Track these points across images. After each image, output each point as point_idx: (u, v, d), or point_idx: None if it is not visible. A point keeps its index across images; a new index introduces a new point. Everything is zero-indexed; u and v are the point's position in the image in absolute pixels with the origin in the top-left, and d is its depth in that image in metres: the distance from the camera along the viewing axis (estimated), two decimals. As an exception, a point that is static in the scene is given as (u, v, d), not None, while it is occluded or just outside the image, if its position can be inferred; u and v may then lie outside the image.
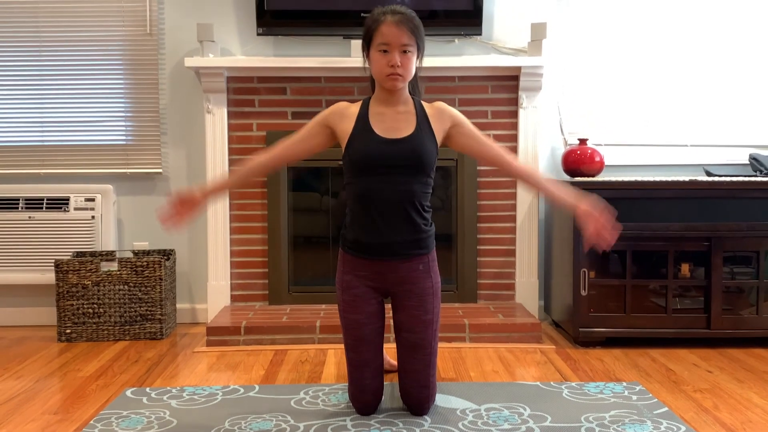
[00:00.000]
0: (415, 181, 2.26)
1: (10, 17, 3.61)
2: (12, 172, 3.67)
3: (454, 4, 3.47)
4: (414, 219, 2.27)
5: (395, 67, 2.20)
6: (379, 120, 2.28)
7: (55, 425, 2.28)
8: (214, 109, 3.58)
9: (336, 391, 2.56)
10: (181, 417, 2.32)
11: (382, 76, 2.24)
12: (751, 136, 3.73)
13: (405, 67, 2.23)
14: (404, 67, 2.22)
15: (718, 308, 3.18)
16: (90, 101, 3.66)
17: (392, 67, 2.21)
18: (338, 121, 2.31)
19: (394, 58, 2.20)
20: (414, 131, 2.27)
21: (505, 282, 3.69)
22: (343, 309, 2.33)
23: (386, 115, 2.29)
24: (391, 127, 2.27)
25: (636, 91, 3.71)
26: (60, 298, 3.35)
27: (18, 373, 2.87)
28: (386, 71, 2.22)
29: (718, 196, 3.18)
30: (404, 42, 2.21)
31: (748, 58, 3.70)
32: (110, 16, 3.62)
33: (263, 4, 3.50)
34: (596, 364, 2.94)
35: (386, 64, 2.21)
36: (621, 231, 2.24)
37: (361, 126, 2.27)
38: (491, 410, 2.36)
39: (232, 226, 3.64)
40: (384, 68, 2.22)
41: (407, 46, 2.21)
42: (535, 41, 3.53)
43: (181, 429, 2.22)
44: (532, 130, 3.62)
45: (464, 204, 3.63)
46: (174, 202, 2.26)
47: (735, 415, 2.35)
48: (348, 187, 2.31)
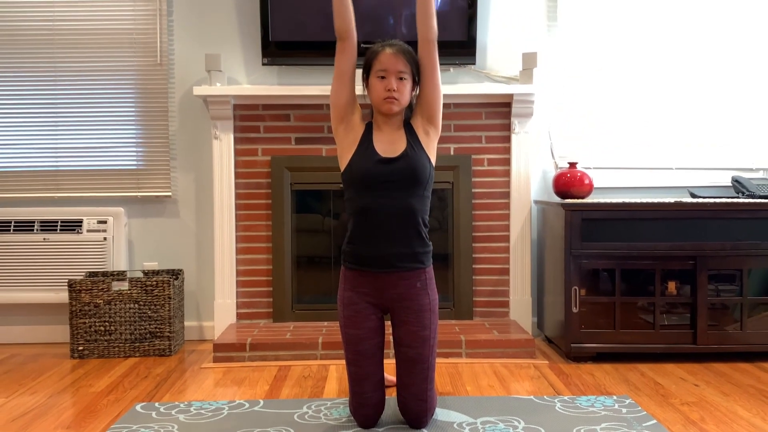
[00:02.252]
0: (412, 195, 2.29)
1: (27, 48, 3.64)
2: (28, 196, 3.68)
3: (449, 35, 3.50)
4: (411, 232, 2.30)
5: (391, 91, 2.28)
6: (378, 140, 2.33)
7: (67, 439, 2.28)
8: (221, 135, 3.60)
9: (338, 406, 2.56)
10: (189, 431, 2.31)
11: (380, 100, 2.30)
12: (734, 159, 3.75)
13: (400, 91, 2.30)
14: (400, 92, 2.29)
15: (704, 324, 3.18)
16: (103, 128, 3.68)
17: (389, 91, 2.28)
18: (354, 122, 2.36)
19: (390, 83, 2.28)
20: (406, 148, 2.31)
21: (499, 300, 3.69)
22: (344, 324, 2.33)
23: (384, 136, 2.34)
24: (388, 148, 2.32)
25: (623, 117, 3.74)
26: (73, 316, 3.35)
27: (32, 388, 2.87)
28: (383, 95, 2.29)
29: (702, 217, 3.19)
30: (400, 69, 2.29)
31: (730, 85, 3.72)
32: (123, 47, 3.65)
33: (268, 35, 3.53)
34: (587, 379, 2.94)
35: (383, 88, 2.29)
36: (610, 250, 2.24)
37: (364, 146, 2.32)
38: (487, 423, 2.36)
39: (238, 246, 3.65)
40: (381, 92, 2.29)
41: (403, 73, 2.29)
42: (526, 70, 3.56)
43: (189, 442, 2.22)
44: (524, 154, 3.63)
45: (460, 225, 3.64)
46: None
47: (721, 427, 2.34)
48: (349, 202, 2.34)
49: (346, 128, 2.36)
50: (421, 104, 2.38)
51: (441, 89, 2.37)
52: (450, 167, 3.63)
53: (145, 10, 3.64)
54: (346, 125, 2.36)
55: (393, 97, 2.28)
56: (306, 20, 3.54)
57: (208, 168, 3.69)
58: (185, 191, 3.73)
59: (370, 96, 2.35)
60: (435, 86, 2.35)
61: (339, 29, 2.31)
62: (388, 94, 2.28)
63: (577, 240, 3.18)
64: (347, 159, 2.33)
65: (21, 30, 3.64)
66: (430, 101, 2.36)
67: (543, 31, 3.72)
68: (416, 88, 2.38)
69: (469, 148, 3.66)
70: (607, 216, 3.19)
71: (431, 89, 2.35)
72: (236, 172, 3.64)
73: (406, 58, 2.30)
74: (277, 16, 3.53)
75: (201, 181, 3.72)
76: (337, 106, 2.35)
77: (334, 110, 2.36)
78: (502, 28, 3.71)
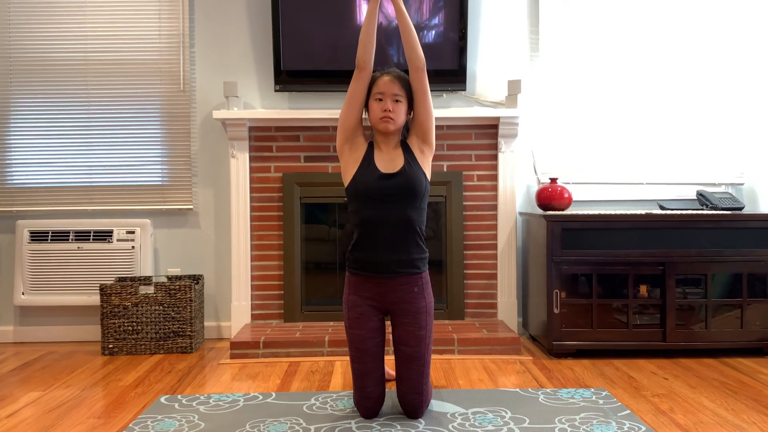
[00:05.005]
0: (410, 207, 2.30)
1: (64, 76, 3.67)
2: (64, 209, 3.69)
3: (442, 65, 3.53)
4: (409, 241, 2.31)
5: (387, 111, 2.30)
6: (379, 158, 2.35)
7: (98, 428, 2.28)
8: (238, 154, 3.62)
9: (342, 398, 2.56)
10: (208, 421, 2.31)
11: (377, 119, 2.32)
12: (698, 175, 3.76)
13: (396, 112, 2.32)
14: (395, 112, 2.32)
15: (672, 324, 3.18)
16: (131, 147, 3.69)
17: (385, 111, 2.31)
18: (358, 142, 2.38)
19: (386, 104, 2.31)
20: (404, 165, 2.32)
21: (488, 302, 3.69)
22: (348, 325, 2.33)
23: (384, 155, 2.36)
24: (387, 165, 2.33)
25: (599, 137, 3.75)
26: (104, 317, 3.35)
27: (67, 382, 2.87)
28: (380, 115, 2.32)
29: (670, 227, 3.20)
30: (395, 92, 2.32)
31: (694, 109, 3.74)
32: (149, 75, 3.67)
33: (280, 65, 3.55)
34: (568, 373, 2.94)
35: (380, 109, 2.32)
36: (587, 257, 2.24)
37: (366, 164, 2.33)
38: (477, 414, 2.36)
39: (253, 253, 3.66)
40: (378, 112, 2.32)
41: (398, 96, 2.32)
42: (512, 95, 3.57)
43: (208, 431, 2.22)
44: (510, 171, 3.65)
45: (452, 234, 3.65)
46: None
47: (688, 417, 2.34)
48: (353, 214, 2.34)
49: (351, 147, 2.38)
50: (416, 125, 2.39)
51: (433, 111, 2.38)
52: (443, 182, 3.64)
53: (169, 42, 3.67)
54: (351, 144, 2.37)
55: (389, 117, 2.30)
56: (314, 52, 3.56)
57: (226, 183, 3.71)
58: (205, 204, 3.74)
59: (370, 117, 2.36)
60: (427, 109, 2.36)
61: (360, 59, 2.32)
62: (385, 114, 2.31)
63: (557, 248, 3.19)
64: (351, 175, 2.34)
65: (59, 60, 3.66)
66: (423, 122, 2.37)
67: (526, 60, 3.74)
68: (410, 112, 2.40)
69: (460, 165, 3.68)
70: (585, 226, 3.20)
71: (423, 111, 2.36)
72: (251, 187, 3.65)
73: (401, 83, 2.33)
74: (288, 47, 3.55)
75: (219, 195, 3.73)
76: (346, 127, 2.36)
77: (342, 131, 2.37)
78: (489, 58, 3.73)
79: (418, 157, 2.37)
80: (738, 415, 2.37)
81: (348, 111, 2.35)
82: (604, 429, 2.19)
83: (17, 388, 2.78)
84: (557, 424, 2.25)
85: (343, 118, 2.36)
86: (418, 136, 2.39)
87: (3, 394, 2.70)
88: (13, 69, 3.66)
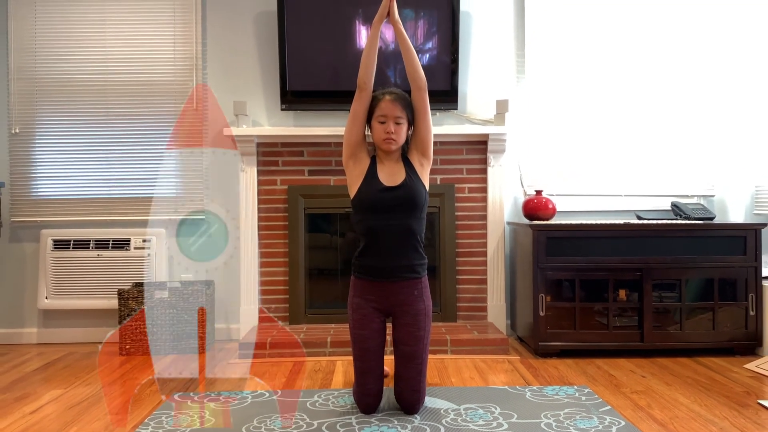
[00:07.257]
0: (411, 217, 2.30)
1: (84, 96, 3.67)
2: (85, 219, 3.68)
3: (435, 86, 3.54)
4: (410, 248, 2.31)
5: (390, 133, 2.30)
6: (381, 172, 2.35)
7: (116, 424, 2.27)
8: (246, 168, 3.62)
9: (343, 395, 2.55)
10: (219, 416, 2.31)
11: (380, 140, 2.32)
12: (672, 187, 3.76)
13: (397, 133, 2.32)
14: (397, 134, 2.32)
15: (650, 325, 3.18)
16: (148, 162, 3.69)
17: (388, 134, 2.30)
18: (362, 157, 2.38)
19: (389, 126, 2.30)
20: (406, 178, 2.33)
21: (479, 305, 3.68)
22: (353, 326, 2.33)
23: (386, 169, 2.36)
24: (390, 178, 2.33)
25: (581, 152, 3.75)
26: (122, 319, 3.34)
27: (87, 381, 2.86)
28: (383, 136, 2.32)
29: (647, 236, 3.21)
30: (397, 114, 2.31)
31: (669, 127, 3.75)
32: (164, 95, 3.68)
33: (286, 86, 3.56)
34: (553, 372, 2.93)
35: (383, 131, 2.31)
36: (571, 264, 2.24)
37: (370, 177, 2.33)
38: (469, 410, 2.35)
39: (260, 260, 3.65)
40: (381, 134, 2.32)
41: (399, 118, 2.32)
42: (500, 114, 3.59)
43: (218, 426, 2.21)
44: (499, 184, 3.65)
45: (445, 242, 3.65)
46: None
47: (665, 412, 2.34)
48: (358, 224, 2.34)
49: (355, 162, 2.38)
50: (416, 141, 2.40)
51: (432, 128, 2.39)
52: (437, 194, 3.64)
53: (183, 65, 3.68)
54: (355, 159, 2.38)
55: (392, 138, 2.31)
56: (317, 73, 3.57)
57: (235, 195, 3.71)
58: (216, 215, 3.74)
59: (373, 136, 2.37)
60: (427, 126, 2.37)
61: (361, 80, 2.33)
62: (387, 136, 2.31)
63: (543, 255, 3.19)
64: (356, 188, 2.34)
65: (80, 82, 3.67)
66: (424, 138, 2.38)
67: (513, 82, 3.76)
68: (411, 128, 2.40)
69: (452, 178, 3.68)
70: (568, 235, 3.20)
71: (423, 128, 2.37)
72: (259, 199, 3.65)
73: (402, 104, 2.33)
74: (293, 70, 3.56)
75: (229, 206, 3.73)
76: (350, 144, 2.36)
77: (347, 147, 2.37)
78: (479, 79, 3.75)
79: (418, 170, 2.38)
80: (710, 410, 2.36)
81: (351, 129, 2.36)
82: (586, 423, 2.19)
83: (41, 386, 2.77)
84: (543, 419, 2.24)
85: (347, 136, 2.36)
86: (418, 150, 2.40)
87: (27, 392, 2.69)
88: (39, 90, 3.67)
